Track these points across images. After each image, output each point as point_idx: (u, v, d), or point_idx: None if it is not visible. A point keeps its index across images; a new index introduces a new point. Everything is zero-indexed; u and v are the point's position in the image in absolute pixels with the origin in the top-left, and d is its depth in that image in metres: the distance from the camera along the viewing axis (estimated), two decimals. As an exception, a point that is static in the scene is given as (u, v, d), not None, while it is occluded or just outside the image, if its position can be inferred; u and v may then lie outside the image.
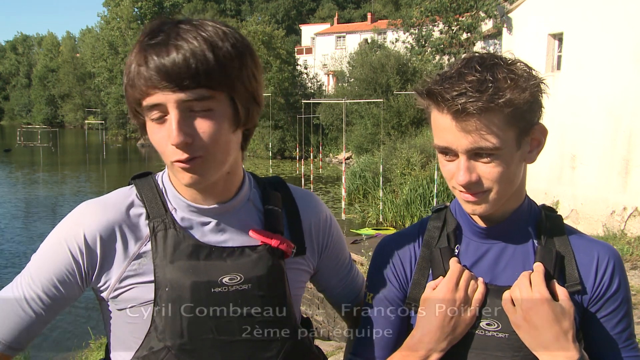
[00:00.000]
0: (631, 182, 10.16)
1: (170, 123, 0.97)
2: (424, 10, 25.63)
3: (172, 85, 0.94)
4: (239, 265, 1.07)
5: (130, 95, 1.00)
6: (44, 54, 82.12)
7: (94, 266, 1.07)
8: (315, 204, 1.25)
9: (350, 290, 1.35)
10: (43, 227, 18.12)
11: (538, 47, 11.55)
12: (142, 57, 0.96)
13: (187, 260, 1.05)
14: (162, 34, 0.97)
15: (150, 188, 1.12)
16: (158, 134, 1.00)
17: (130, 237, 1.08)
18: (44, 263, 1.08)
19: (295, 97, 37.44)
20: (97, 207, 1.09)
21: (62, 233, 1.09)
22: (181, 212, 1.10)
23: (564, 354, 1.01)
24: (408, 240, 1.24)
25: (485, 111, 1.00)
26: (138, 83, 0.97)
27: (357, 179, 21.00)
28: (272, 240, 1.10)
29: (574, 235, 1.17)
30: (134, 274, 1.06)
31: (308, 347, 1.16)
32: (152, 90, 0.96)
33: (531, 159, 1.11)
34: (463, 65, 1.04)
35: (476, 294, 1.11)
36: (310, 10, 67.83)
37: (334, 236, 1.28)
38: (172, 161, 1.00)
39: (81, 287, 1.09)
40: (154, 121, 1.00)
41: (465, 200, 1.10)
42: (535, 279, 1.07)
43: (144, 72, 0.95)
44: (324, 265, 1.27)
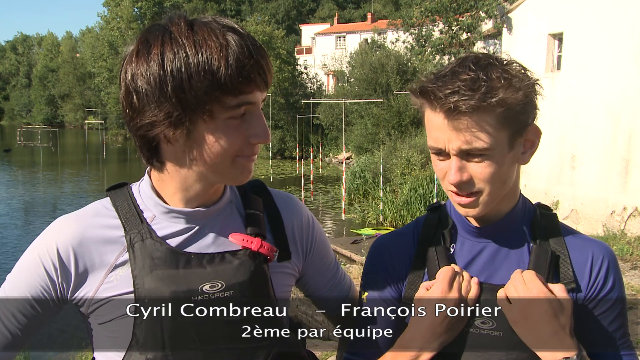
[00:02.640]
0: (631, 182, 10.17)
1: (257, 120, 1.01)
2: (424, 10, 25.62)
3: (264, 84, 1.00)
4: (220, 272, 1.03)
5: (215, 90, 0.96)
6: (44, 54, 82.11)
7: (68, 281, 1.04)
8: (296, 207, 1.23)
9: (339, 292, 1.32)
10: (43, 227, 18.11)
11: (538, 47, 11.56)
12: (230, 54, 0.96)
13: (166, 269, 1.02)
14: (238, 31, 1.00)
15: (125, 199, 1.09)
16: (234, 136, 1.00)
17: (106, 250, 1.04)
18: (19, 282, 1.05)
19: (295, 97, 37.44)
20: (70, 221, 1.07)
21: (36, 250, 1.06)
22: (160, 219, 1.07)
23: (562, 348, 1.01)
24: (403, 239, 1.24)
25: (477, 110, 0.99)
26: (234, 77, 0.95)
27: (357, 179, 21.01)
28: (252, 244, 1.06)
29: (569, 233, 1.17)
30: (111, 286, 1.03)
31: (297, 352, 1.13)
32: (248, 87, 0.97)
33: (524, 160, 1.11)
34: (457, 65, 1.04)
35: (470, 294, 1.10)
36: (310, 10, 67.82)
37: (317, 238, 1.25)
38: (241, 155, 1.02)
39: (57, 304, 1.05)
40: (236, 119, 0.99)
41: (458, 203, 1.10)
42: (528, 276, 1.07)
43: (248, 66, 0.96)
44: (310, 268, 1.25)
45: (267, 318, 1.07)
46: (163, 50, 0.95)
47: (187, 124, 0.96)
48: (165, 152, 1.03)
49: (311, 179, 21.82)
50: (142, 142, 1.03)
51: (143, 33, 1.01)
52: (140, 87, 0.96)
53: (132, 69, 0.98)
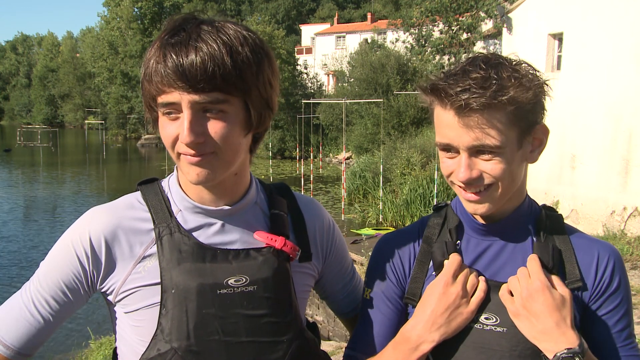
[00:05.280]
0: (631, 182, 10.17)
1: (182, 122, 0.98)
2: (424, 10, 25.61)
3: (188, 86, 0.96)
4: (245, 267, 1.07)
5: (147, 89, 1.01)
6: (44, 54, 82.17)
7: (99, 269, 1.08)
8: (318, 211, 1.27)
9: (354, 298, 1.35)
10: (43, 226, 18.14)
11: (538, 47, 11.56)
12: (161, 54, 0.98)
13: (193, 262, 1.06)
14: (183, 32, 0.98)
15: (156, 194, 1.13)
16: (168, 129, 1.02)
17: (135, 242, 1.09)
18: (52, 268, 1.09)
19: (295, 97, 37.45)
20: (103, 212, 1.11)
21: (69, 237, 1.10)
22: (187, 214, 1.11)
23: (565, 339, 1.01)
24: (408, 237, 1.25)
25: (488, 107, 1.00)
26: (155, 79, 0.98)
27: (357, 179, 21.00)
28: (277, 242, 1.11)
29: (574, 234, 1.18)
30: (139, 276, 1.07)
31: (314, 349, 1.17)
32: (168, 88, 0.97)
33: (533, 158, 1.12)
34: (468, 64, 1.05)
35: (477, 292, 1.11)
36: (310, 10, 67.83)
37: (337, 242, 1.29)
38: (180, 152, 1.02)
39: (88, 292, 1.10)
40: (166, 116, 1.01)
41: (467, 200, 1.10)
42: (532, 268, 1.07)
43: (161, 70, 0.97)
44: (329, 270, 1.29)
45: (288, 314, 1.10)
46: (151, 47, 1.04)
47: (154, 114, 1.05)
48: None
49: (311, 179, 21.83)
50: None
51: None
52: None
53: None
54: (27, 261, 14.32)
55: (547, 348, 1.02)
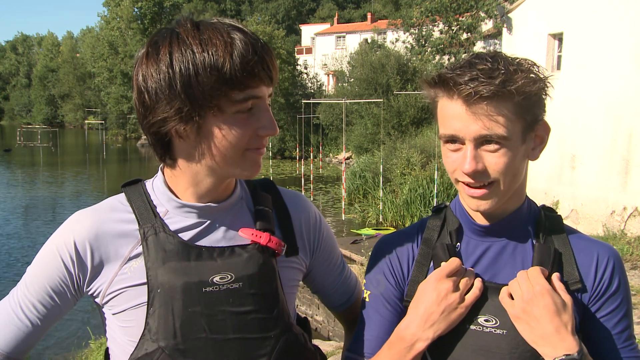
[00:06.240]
0: (631, 182, 10.16)
1: (264, 112, 1.05)
2: (424, 10, 25.62)
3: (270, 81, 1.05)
4: (230, 265, 1.08)
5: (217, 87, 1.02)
6: (44, 54, 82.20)
7: (85, 272, 1.09)
8: (304, 204, 1.27)
9: (345, 290, 1.36)
10: (43, 226, 18.13)
11: (538, 47, 11.55)
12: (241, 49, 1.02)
13: (178, 261, 1.06)
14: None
15: (140, 195, 1.14)
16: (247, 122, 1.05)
17: (120, 243, 1.09)
18: (38, 273, 1.10)
19: (295, 97, 37.45)
20: (87, 216, 1.11)
21: (54, 242, 1.11)
22: (173, 214, 1.11)
23: (564, 345, 1.00)
24: (407, 239, 1.25)
25: (496, 96, 1.01)
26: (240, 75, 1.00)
27: (357, 179, 20.99)
28: (262, 238, 1.11)
29: (574, 235, 1.18)
30: (125, 277, 1.08)
31: (303, 344, 1.16)
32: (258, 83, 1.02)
33: (534, 155, 1.12)
34: (473, 57, 1.06)
35: (472, 289, 1.11)
36: (310, 10, 67.82)
37: (324, 235, 1.29)
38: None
39: (75, 296, 1.11)
40: (241, 112, 1.03)
41: (470, 196, 1.10)
42: (533, 273, 1.07)
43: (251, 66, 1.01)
44: (317, 264, 1.29)
45: (275, 310, 1.11)
46: (171, 51, 1.00)
47: (196, 118, 1.01)
48: (177, 148, 1.07)
49: (311, 179, 21.82)
50: (155, 140, 1.07)
51: (152, 36, 1.06)
52: (150, 87, 1.01)
53: (143, 70, 1.03)
54: (28, 261, 14.31)
55: (546, 353, 1.02)
